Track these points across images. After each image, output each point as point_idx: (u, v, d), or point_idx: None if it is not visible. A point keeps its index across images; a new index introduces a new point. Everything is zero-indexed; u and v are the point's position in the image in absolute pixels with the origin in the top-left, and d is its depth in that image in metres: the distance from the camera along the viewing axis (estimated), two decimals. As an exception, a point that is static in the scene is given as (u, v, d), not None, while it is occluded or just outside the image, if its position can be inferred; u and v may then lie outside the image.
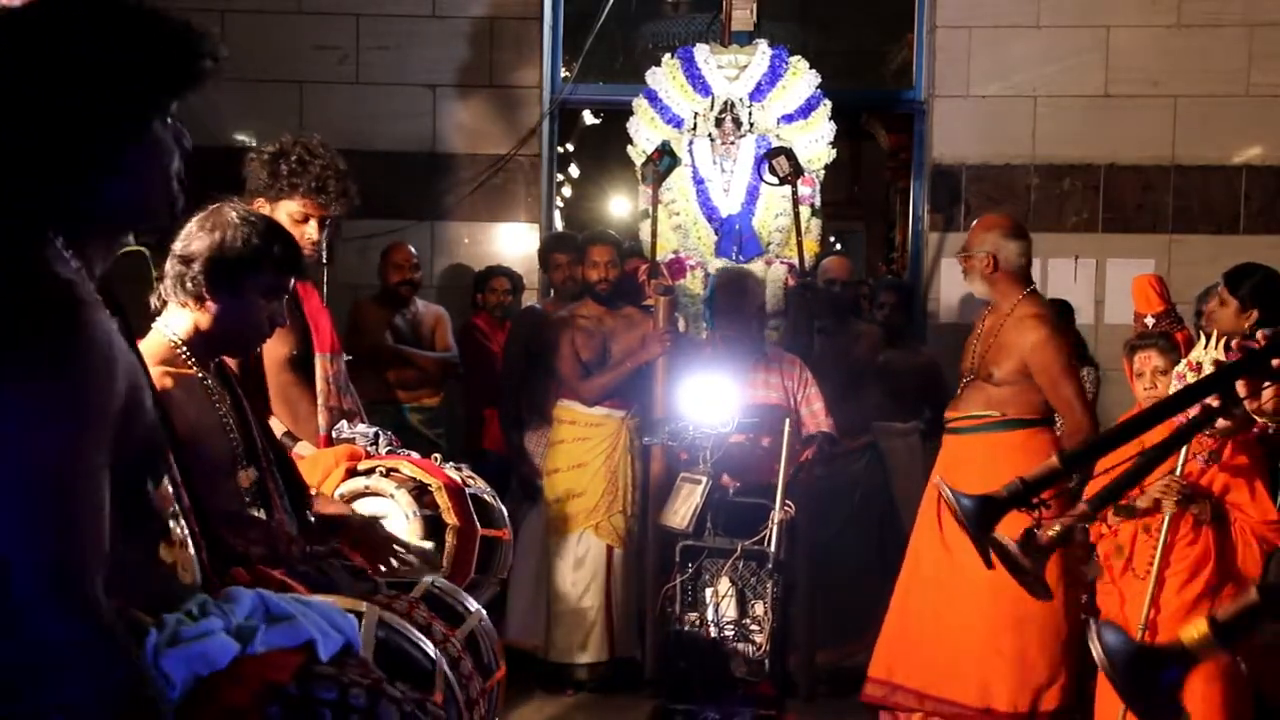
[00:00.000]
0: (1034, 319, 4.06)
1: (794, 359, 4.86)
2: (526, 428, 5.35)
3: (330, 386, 3.24)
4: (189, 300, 2.30)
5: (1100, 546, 3.82)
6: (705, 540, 4.16)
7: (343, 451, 2.87)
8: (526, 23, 6.16)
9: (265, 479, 2.35)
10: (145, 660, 1.30)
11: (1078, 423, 3.98)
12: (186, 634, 1.33)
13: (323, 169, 3.10)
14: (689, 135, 5.56)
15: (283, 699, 1.31)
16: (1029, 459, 3.47)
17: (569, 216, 10.03)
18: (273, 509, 2.34)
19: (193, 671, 1.31)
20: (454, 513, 2.69)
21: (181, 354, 2.31)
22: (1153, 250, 6.06)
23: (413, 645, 1.77)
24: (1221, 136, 6.08)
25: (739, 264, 5.37)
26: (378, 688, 1.37)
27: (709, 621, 4.05)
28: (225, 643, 1.34)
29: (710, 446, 4.16)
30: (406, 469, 2.77)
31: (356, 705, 1.33)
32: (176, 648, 1.32)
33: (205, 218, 2.35)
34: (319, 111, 6.01)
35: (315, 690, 1.33)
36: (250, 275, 2.31)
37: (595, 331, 5.03)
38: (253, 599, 1.42)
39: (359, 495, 2.75)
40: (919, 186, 6.40)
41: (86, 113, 1.33)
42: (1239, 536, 3.56)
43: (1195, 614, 3.57)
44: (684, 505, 4.11)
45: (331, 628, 1.44)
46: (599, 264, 5.05)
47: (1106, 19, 6.10)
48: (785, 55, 5.56)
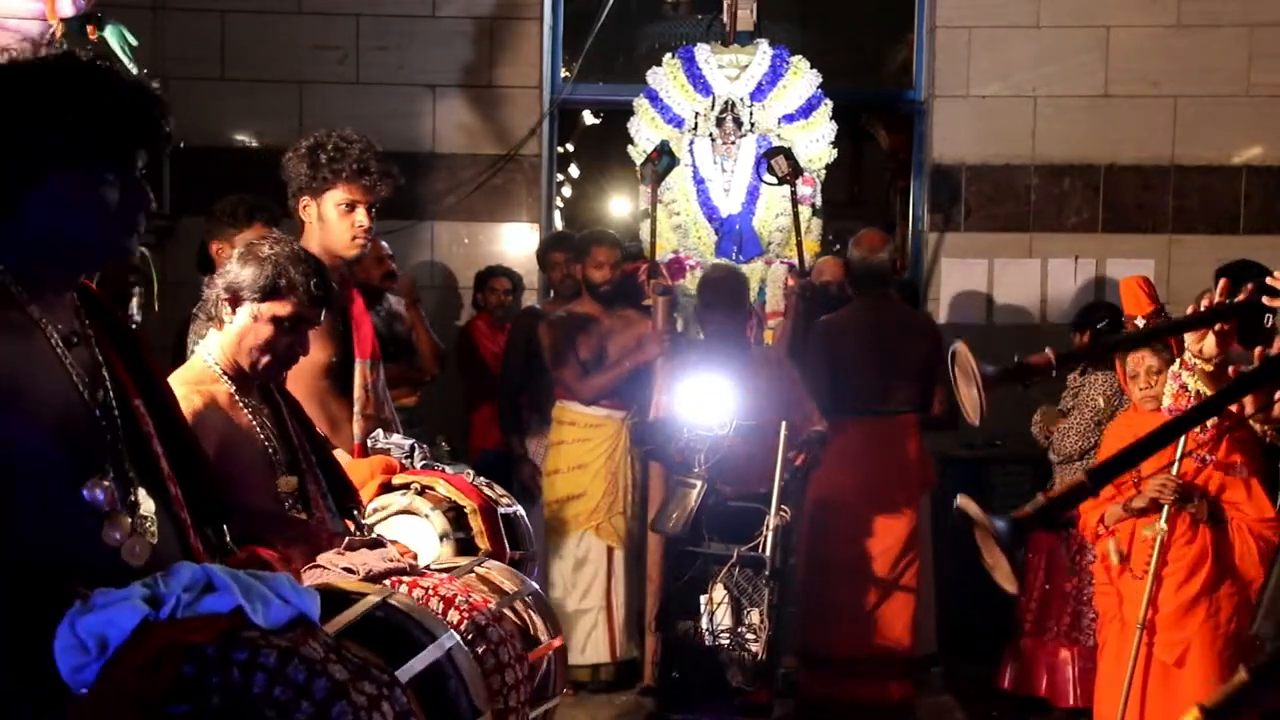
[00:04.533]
0: None
1: (780, 358, 4.78)
2: (527, 429, 5.35)
3: (368, 394, 3.20)
4: (215, 322, 2.47)
5: (1098, 547, 3.83)
6: (701, 546, 4.08)
7: (378, 463, 2.84)
8: (526, 23, 6.16)
9: (306, 483, 2.45)
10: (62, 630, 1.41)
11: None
12: (98, 602, 1.43)
13: (361, 152, 3.08)
14: (690, 135, 5.56)
15: (199, 659, 1.39)
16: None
17: (569, 216, 10.03)
18: (313, 510, 2.41)
19: (104, 636, 1.40)
20: (486, 536, 2.69)
21: (214, 372, 2.46)
22: (1152, 250, 6.06)
23: (414, 624, 1.80)
24: (1221, 136, 6.09)
25: (733, 262, 5.38)
26: (292, 649, 1.43)
27: (704, 629, 3.95)
28: (133, 609, 1.43)
29: (706, 450, 4.07)
30: (442, 488, 2.74)
31: (264, 664, 1.41)
32: (89, 614, 1.41)
33: (245, 249, 2.49)
34: (319, 111, 6.00)
35: (231, 651, 1.41)
36: (267, 301, 2.44)
37: (593, 331, 5.03)
38: (195, 572, 1.50)
39: (393, 512, 2.74)
40: (919, 186, 6.40)
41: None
42: (1236, 535, 3.56)
43: (1193, 613, 3.58)
44: (677, 509, 4.02)
45: (279, 599, 1.51)
46: (603, 264, 5.05)
47: (1106, 19, 6.10)
48: (786, 55, 5.56)
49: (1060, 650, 4.86)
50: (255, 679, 1.41)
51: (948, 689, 5.23)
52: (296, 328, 2.49)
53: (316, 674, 1.43)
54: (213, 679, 1.40)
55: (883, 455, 4.81)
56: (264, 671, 1.41)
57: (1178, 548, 3.59)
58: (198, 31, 5.88)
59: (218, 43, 5.99)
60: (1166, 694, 3.62)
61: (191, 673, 1.39)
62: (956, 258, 6.20)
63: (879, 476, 4.78)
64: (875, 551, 4.78)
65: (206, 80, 5.80)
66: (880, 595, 4.80)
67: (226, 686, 1.40)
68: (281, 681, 1.41)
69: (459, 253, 6.21)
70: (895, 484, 4.83)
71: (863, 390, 4.81)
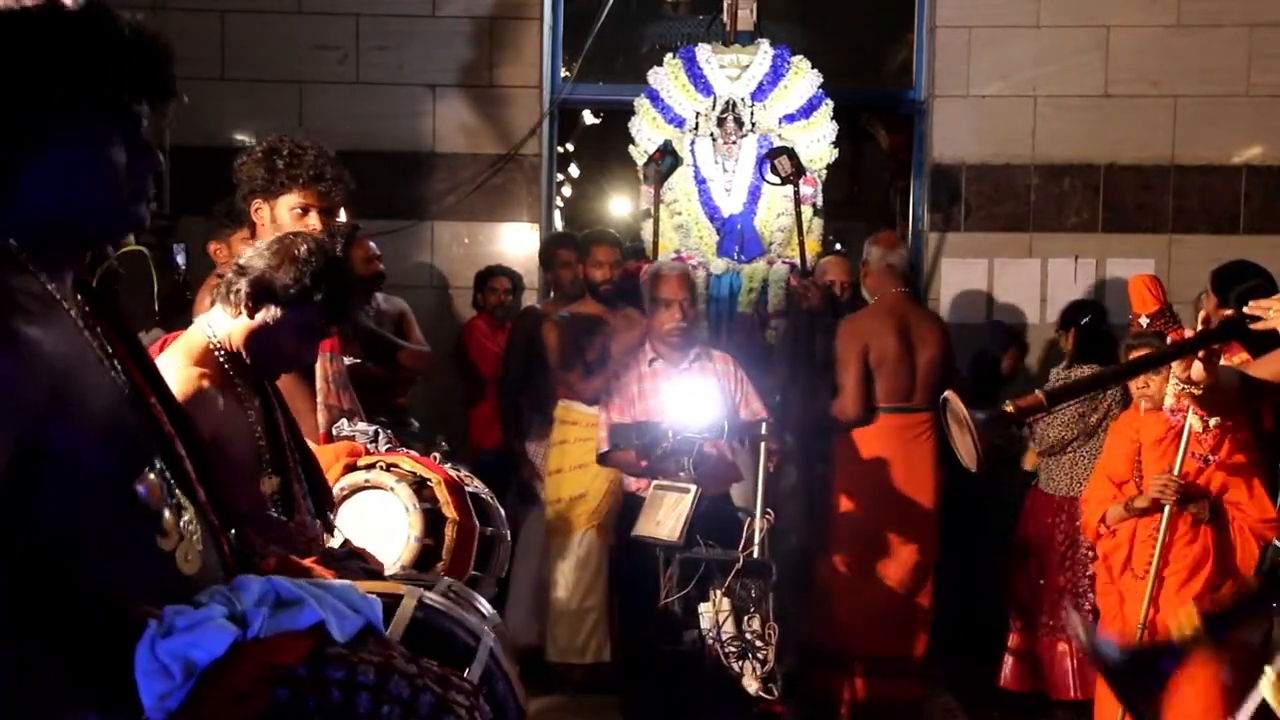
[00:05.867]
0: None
1: (725, 356, 4.61)
2: (528, 429, 5.35)
3: (329, 385, 3.24)
4: (230, 307, 2.34)
5: (1100, 546, 3.83)
6: (697, 552, 3.83)
7: (343, 448, 2.87)
8: (526, 22, 6.16)
9: (290, 483, 2.36)
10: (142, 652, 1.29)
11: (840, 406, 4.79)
12: (180, 624, 1.31)
13: (316, 158, 3.07)
14: (691, 135, 5.56)
15: (291, 681, 1.30)
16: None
17: (569, 216, 10.03)
18: (295, 512, 2.35)
19: (190, 660, 1.29)
20: (453, 507, 2.70)
21: (218, 355, 2.33)
22: (1152, 250, 6.06)
23: (455, 623, 1.75)
24: (1221, 136, 6.09)
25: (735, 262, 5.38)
26: (388, 664, 1.35)
27: (711, 638, 3.71)
28: (221, 629, 1.32)
29: (692, 453, 3.92)
30: (406, 464, 2.77)
31: (364, 682, 1.31)
32: (171, 637, 1.30)
33: (277, 240, 2.39)
34: (319, 111, 6.01)
35: (324, 670, 1.31)
36: (292, 309, 2.33)
37: (596, 331, 5.03)
38: (263, 585, 1.40)
39: (359, 489, 2.75)
40: (919, 186, 6.40)
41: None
42: (1238, 535, 3.57)
43: (1194, 613, 3.59)
44: (671, 516, 3.84)
45: (349, 609, 1.42)
46: (604, 263, 5.04)
47: (1106, 19, 6.10)
48: (787, 55, 5.56)
49: (1057, 644, 4.88)
50: (359, 699, 1.31)
51: (948, 689, 5.24)
52: (313, 338, 2.44)
53: (419, 689, 1.35)
54: (310, 703, 1.30)
55: (911, 452, 4.78)
56: (366, 691, 1.32)
57: (1179, 548, 3.60)
58: (198, 31, 5.86)
59: (218, 43, 5.99)
60: (1166, 694, 3.62)
61: (286, 697, 1.29)
62: (956, 258, 6.20)
63: (907, 473, 4.76)
64: (904, 547, 4.76)
65: (206, 80, 5.79)
66: (909, 591, 4.78)
67: (327, 709, 1.30)
68: (387, 699, 1.32)
69: (459, 253, 6.21)
70: (921, 480, 4.81)
71: (894, 387, 4.82)
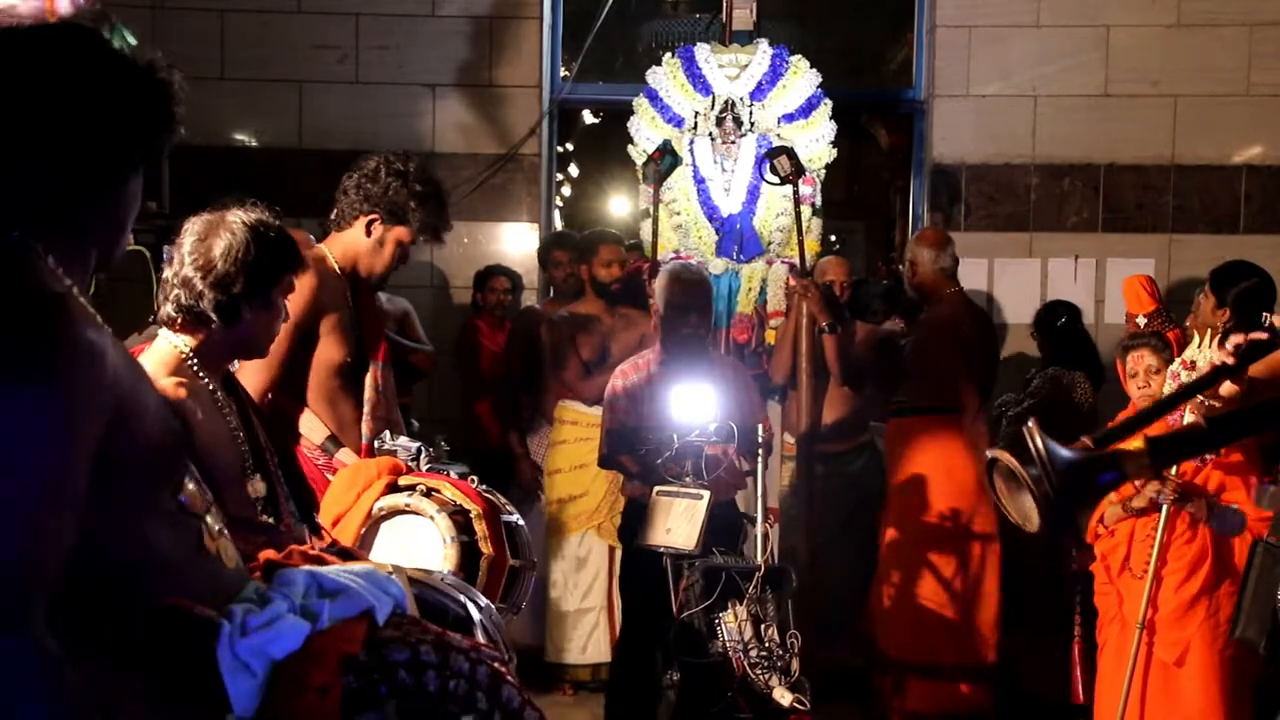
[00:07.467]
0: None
1: (735, 362, 4.56)
2: (527, 428, 5.35)
3: (379, 396, 3.26)
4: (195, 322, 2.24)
5: (1098, 546, 3.83)
6: (716, 562, 3.61)
7: (385, 464, 2.84)
8: (526, 22, 6.16)
9: (274, 485, 2.34)
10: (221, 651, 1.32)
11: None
12: (253, 623, 1.35)
13: (444, 209, 3.24)
14: (690, 134, 5.56)
15: (355, 668, 1.33)
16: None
17: (568, 216, 10.04)
18: (281, 515, 2.33)
19: (269, 657, 1.33)
20: (490, 541, 2.69)
21: (190, 364, 2.25)
22: (1152, 250, 6.06)
23: (442, 595, 1.78)
24: (1221, 136, 6.08)
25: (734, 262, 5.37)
26: (443, 641, 1.39)
27: (736, 650, 3.46)
28: (296, 624, 1.36)
29: (699, 459, 3.75)
30: (448, 492, 2.74)
31: (429, 661, 1.36)
32: (248, 636, 1.34)
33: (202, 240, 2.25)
34: (318, 111, 6.02)
35: (387, 654, 1.35)
36: (261, 291, 2.27)
37: (596, 331, 5.03)
38: (305, 577, 1.45)
39: (398, 511, 2.73)
40: (919, 186, 6.40)
41: (92, 157, 1.43)
42: (1237, 535, 3.56)
43: (1193, 612, 3.58)
44: (685, 523, 3.66)
45: (382, 592, 1.46)
46: (611, 262, 5.05)
47: (1106, 19, 6.10)
48: (786, 54, 5.56)
49: (1055, 647, 4.86)
50: (426, 678, 1.36)
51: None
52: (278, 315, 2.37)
53: (476, 662, 1.40)
54: (380, 688, 1.34)
55: (978, 455, 4.53)
56: (432, 669, 1.37)
57: (1177, 547, 3.59)
58: (197, 31, 5.87)
59: (217, 42, 5.99)
60: (1166, 694, 3.63)
61: (357, 684, 1.33)
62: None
63: (977, 477, 4.49)
64: (973, 550, 4.61)
65: (206, 80, 5.79)
66: (970, 594, 4.61)
67: (398, 691, 1.34)
68: (453, 675, 1.37)
69: (459, 252, 6.21)
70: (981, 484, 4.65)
71: (982, 388, 4.66)
